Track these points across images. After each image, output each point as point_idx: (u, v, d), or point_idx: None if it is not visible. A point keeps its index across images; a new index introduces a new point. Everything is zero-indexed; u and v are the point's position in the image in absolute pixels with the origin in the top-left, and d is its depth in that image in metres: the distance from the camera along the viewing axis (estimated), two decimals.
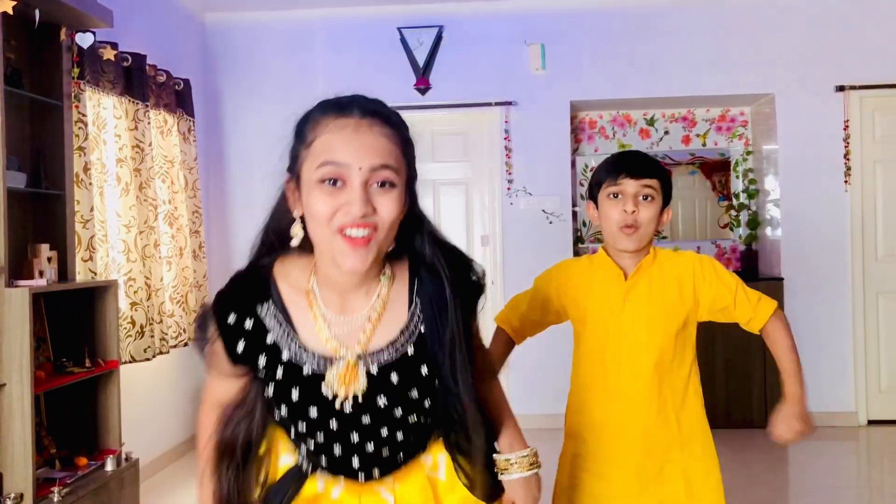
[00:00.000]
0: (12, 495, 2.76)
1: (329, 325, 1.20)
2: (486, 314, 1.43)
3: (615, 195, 1.79)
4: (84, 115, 3.51)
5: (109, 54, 3.75)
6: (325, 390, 1.19)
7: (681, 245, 5.52)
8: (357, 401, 1.19)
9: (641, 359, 1.76)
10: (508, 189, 5.24)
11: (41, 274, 3.07)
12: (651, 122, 5.65)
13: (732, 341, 4.81)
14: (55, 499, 2.84)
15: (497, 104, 5.22)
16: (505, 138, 5.23)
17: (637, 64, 5.19)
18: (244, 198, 5.32)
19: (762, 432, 4.82)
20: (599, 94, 5.24)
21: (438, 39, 5.20)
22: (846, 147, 5.09)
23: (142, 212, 4.01)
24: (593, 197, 1.87)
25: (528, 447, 1.39)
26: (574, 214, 5.48)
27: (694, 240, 5.63)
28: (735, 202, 5.59)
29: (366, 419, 1.21)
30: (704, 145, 5.62)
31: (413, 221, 1.23)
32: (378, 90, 1.84)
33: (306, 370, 1.19)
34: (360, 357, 1.19)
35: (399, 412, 1.21)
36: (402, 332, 1.22)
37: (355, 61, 5.23)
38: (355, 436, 1.21)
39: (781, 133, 5.14)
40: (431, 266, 1.24)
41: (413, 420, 1.24)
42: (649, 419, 1.76)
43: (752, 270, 5.34)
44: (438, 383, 1.23)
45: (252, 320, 1.21)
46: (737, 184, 5.61)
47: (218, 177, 5.33)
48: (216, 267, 5.14)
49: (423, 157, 1.89)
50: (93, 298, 3.39)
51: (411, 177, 1.21)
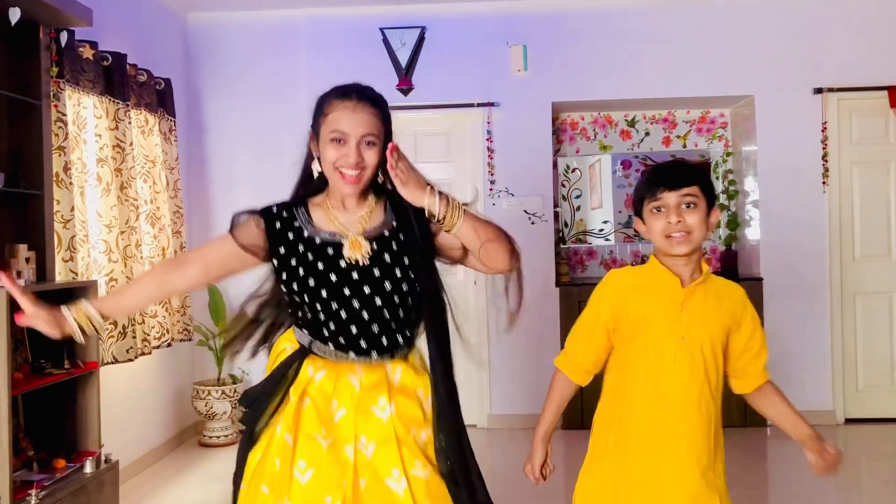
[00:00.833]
0: None
1: (336, 217, 1.82)
2: (468, 307, 1.52)
3: (658, 209, 1.81)
4: (64, 115, 3.48)
5: (89, 53, 3.72)
6: (345, 253, 1.76)
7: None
8: (361, 268, 1.75)
9: (696, 365, 1.78)
10: (490, 190, 5.25)
11: (19, 275, 3.04)
12: (632, 124, 5.68)
13: None
14: (32, 501, 2.81)
15: (479, 105, 5.23)
16: (487, 139, 5.25)
17: (618, 66, 5.22)
18: (225, 198, 5.29)
19: (741, 431, 4.90)
20: (581, 96, 5.27)
21: (421, 40, 5.21)
22: (824, 149, 5.15)
23: (123, 212, 3.99)
24: (638, 212, 1.88)
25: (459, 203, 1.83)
26: (556, 215, 5.50)
27: None
28: (723, 200, 5.64)
29: (366, 289, 1.75)
30: (685, 147, 5.67)
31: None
32: None
33: (317, 240, 1.79)
34: (359, 235, 1.79)
35: (388, 286, 1.76)
36: (382, 223, 1.83)
37: (337, 61, 5.23)
38: (356, 303, 1.75)
39: (761, 135, 5.20)
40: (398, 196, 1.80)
41: (396, 301, 1.77)
42: (694, 427, 1.78)
43: (732, 271, 5.39)
44: (412, 270, 1.79)
45: (287, 213, 1.83)
46: (717, 185, 5.66)
47: (199, 177, 5.30)
48: None
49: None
50: (72, 299, 3.35)
51: (388, 137, 1.81)
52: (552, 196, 5.32)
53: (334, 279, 1.75)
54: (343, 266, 1.76)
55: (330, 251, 1.77)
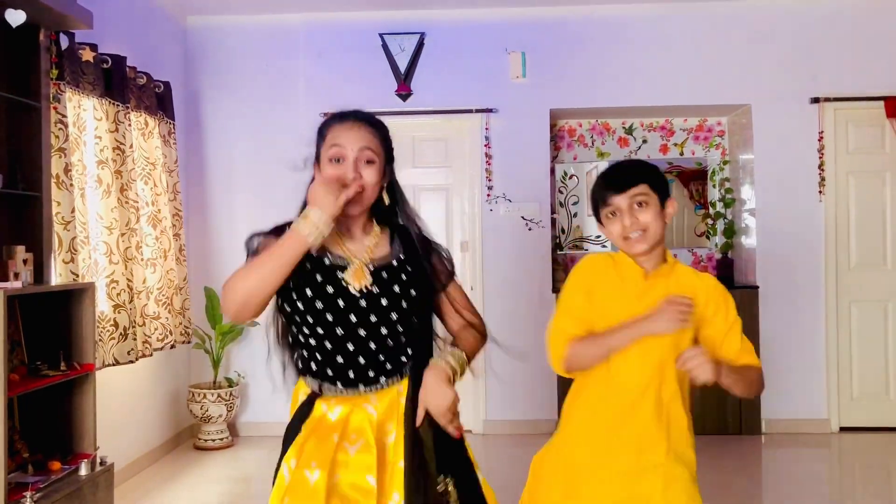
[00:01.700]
0: None
1: (343, 243, 1.81)
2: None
3: (612, 213, 1.85)
4: (64, 116, 3.48)
5: (89, 56, 3.73)
6: (346, 279, 1.74)
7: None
8: (369, 297, 1.74)
9: (648, 356, 1.80)
10: (488, 195, 5.27)
11: (16, 276, 3.04)
12: (629, 131, 5.70)
13: None
14: (27, 503, 2.81)
15: (478, 111, 5.25)
16: (485, 145, 5.26)
17: (616, 73, 5.24)
18: (224, 201, 5.30)
19: (736, 439, 4.91)
20: (579, 103, 5.29)
21: (420, 46, 5.23)
22: (820, 158, 5.17)
23: (123, 214, 3.99)
24: (598, 218, 1.92)
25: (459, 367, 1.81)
26: (553, 221, 5.52)
27: (671, 247, 5.68)
28: (711, 211, 5.65)
29: (373, 317, 1.74)
30: (682, 154, 5.69)
31: (394, 191, 1.86)
32: (359, 95, 1.92)
33: (326, 262, 1.76)
34: (365, 264, 1.78)
35: (395, 316, 1.76)
36: (389, 254, 1.83)
37: (337, 66, 5.24)
38: (362, 331, 1.73)
39: (758, 143, 5.22)
40: (404, 226, 1.87)
41: (400, 330, 1.76)
42: (647, 416, 1.80)
43: (728, 279, 5.40)
44: (418, 299, 1.80)
45: None
46: (713, 193, 5.68)
47: (198, 180, 5.31)
48: (195, 270, 5.11)
49: (404, 163, 1.97)
50: (69, 301, 3.36)
51: (388, 159, 1.83)
52: (549, 202, 5.33)
53: (342, 304, 1.73)
54: (352, 293, 1.74)
55: (339, 274, 1.76)
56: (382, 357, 1.75)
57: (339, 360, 1.74)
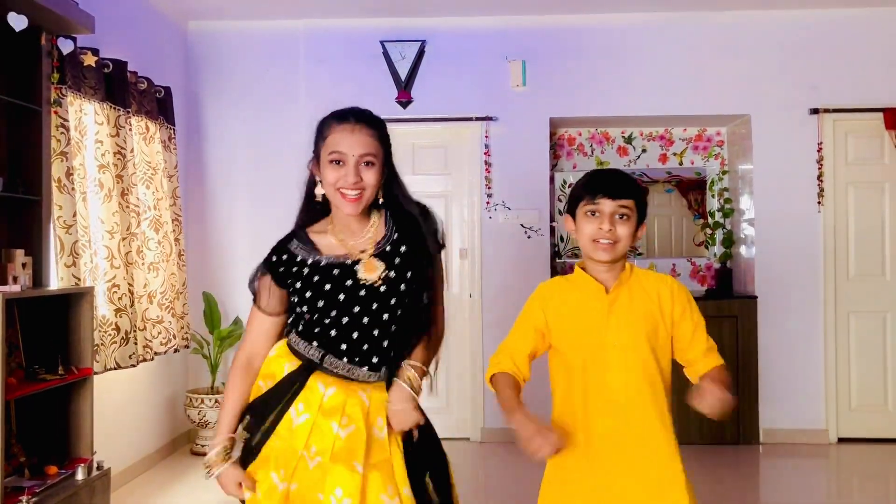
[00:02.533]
0: None
1: (345, 241, 1.87)
2: (463, 320, 1.50)
3: (593, 213, 1.85)
4: (66, 121, 3.49)
5: (90, 60, 3.74)
6: (359, 276, 1.81)
7: (656, 262, 5.58)
8: (368, 285, 1.80)
9: (630, 367, 1.81)
10: (487, 203, 5.27)
11: (15, 280, 3.04)
12: (629, 140, 5.71)
13: None
14: None
15: (477, 119, 5.26)
16: (485, 153, 5.27)
17: (616, 82, 5.25)
18: (223, 207, 5.30)
19: (734, 449, 4.91)
20: (579, 112, 5.30)
21: (421, 53, 5.24)
22: (819, 168, 5.18)
23: (124, 218, 4.00)
24: (571, 211, 1.93)
25: (425, 370, 1.89)
26: (552, 229, 5.52)
27: (669, 257, 5.69)
28: (710, 220, 5.66)
29: (374, 305, 1.80)
30: (681, 164, 5.70)
31: (392, 184, 1.92)
32: (360, 102, 1.94)
33: (323, 262, 1.82)
34: (372, 255, 1.84)
35: (394, 301, 1.81)
36: (385, 237, 1.88)
37: (337, 73, 5.25)
38: (366, 319, 1.80)
39: (757, 153, 5.23)
40: (405, 211, 1.92)
41: (401, 313, 1.83)
42: (646, 425, 1.80)
43: (727, 288, 5.41)
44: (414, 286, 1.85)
45: (286, 255, 1.87)
46: (712, 202, 5.69)
47: (197, 185, 5.31)
48: (193, 275, 5.11)
49: (404, 170, 1.99)
50: (68, 305, 3.36)
51: (387, 155, 1.89)
52: (549, 210, 5.34)
53: (342, 298, 1.80)
54: (349, 285, 1.80)
55: (336, 272, 1.81)
56: (387, 343, 1.82)
57: (344, 347, 1.80)
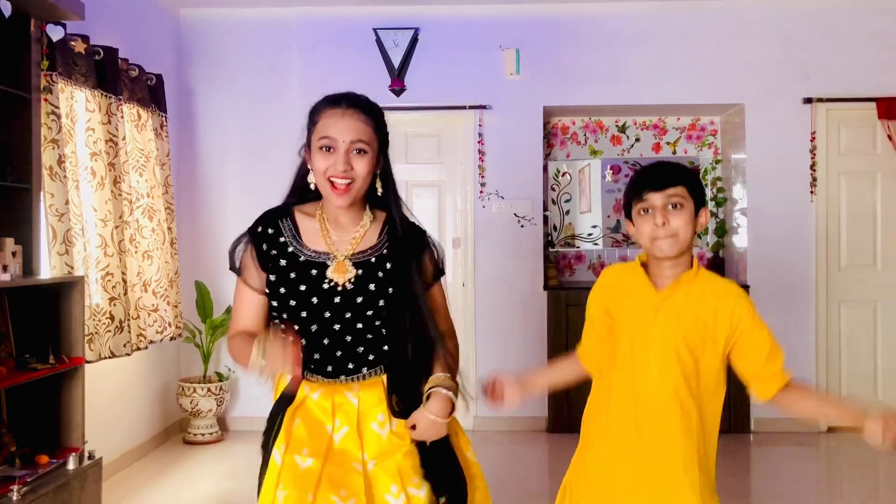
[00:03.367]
0: None
1: (328, 234, 1.79)
2: (456, 309, 1.51)
3: (645, 210, 1.80)
4: (57, 108, 3.46)
5: (80, 47, 3.71)
6: (328, 274, 1.73)
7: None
8: (344, 292, 1.72)
9: (668, 369, 1.76)
10: (481, 192, 5.26)
11: (5, 269, 3.02)
12: (622, 129, 5.70)
13: None
14: (14, 497, 2.79)
15: (471, 107, 5.24)
16: (478, 142, 5.26)
17: (610, 71, 5.24)
18: (215, 195, 5.28)
19: (725, 438, 4.85)
20: (572, 101, 5.29)
21: (414, 41, 5.21)
22: (812, 158, 5.18)
23: (117, 206, 3.97)
24: (628, 215, 1.88)
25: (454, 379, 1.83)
26: (545, 218, 5.52)
27: None
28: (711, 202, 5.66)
29: (347, 314, 1.73)
30: (674, 153, 5.69)
31: (386, 179, 1.82)
32: (353, 90, 1.91)
33: (301, 258, 1.75)
34: (347, 257, 1.76)
35: (370, 312, 1.74)
36: (372, 248, 1.79)
37: (330, 60, 5.22)
38: (337, 326, 1.73)
39: (750, 143, 5.23)
40: (404, 226, 1.83)
41: (378, 324, 1.75)
42: (670, 431, 1.75)
43: None
44: (396, 301, 1.76)
45: (273, 229, 1.79)
46: (705, 192, 5.68)
47: (189, 174, 5.28)
48: (185, 264, 5.09)
49: (397, 159, 1.95)
50: (59, 294, 3.34)
51: (382, 144, 1.79)
52: (542, 199, 5.33)
53: (315, 301, 1.73)
54: (325, 288, 1.73)
55: (314, 272, 1.74)
56: (362, 349, 1.75)
57: (316, 356, 1.75)
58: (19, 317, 3.28)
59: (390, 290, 1.75)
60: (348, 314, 1.73)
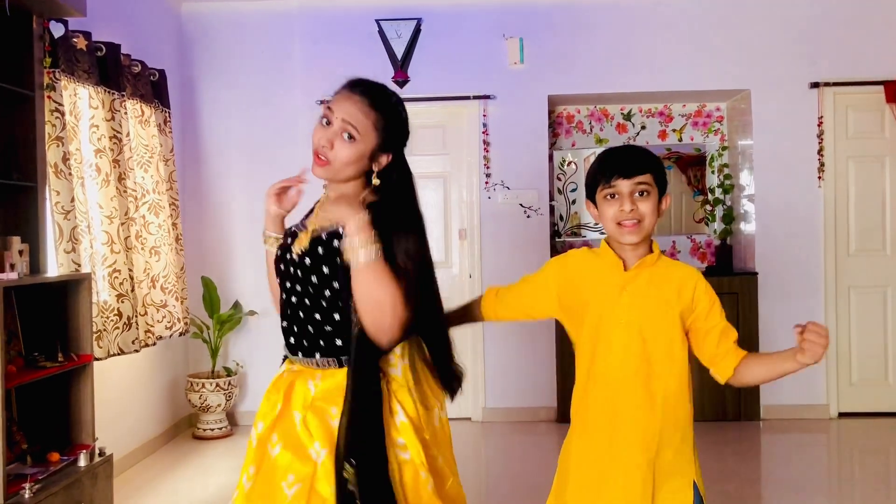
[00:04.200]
0: None
1: (322, 210, 1.74)
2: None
3: (612, 195, 1.82)
4: (60, 105, 3.45)
5: (82, 44, 3.69)
6: (292, 246, 1.77)
7: (655, 239, 5.56)
8: (300, 263, 1.72)
9: (632, 348, 1.79)
10: (486, 183, 5.24)
11: (12, 267, 3.02)
12: (628, 117, 5.67)
13: None
14: (26, 495, 2.80)
15: (475, 98, 5.22)
16: (483, 132, 5.23)
17: (615, 59, 5.21)
18: (220, 190, 5.27)
19: (735, 425, 4.92)
20: (577, 89, 5.26)
21: (417, 32, 5.19)
22: (820, 143, 5.15)
23: (122, 203, 3.97)
24: (591, 197, 1.89)
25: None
26: (552, 208, 5.50)
27: (669, 234, 5.67)
28: (710, 197, 5.64)
29: (298, 286, 1.73)
30: (680, 140, 5.66)
31: (392, 174, 1.78)
32: None
33: (293, 228, 1.84)
34: (313, 230, 1.74)
35: (311, 289, 1.71)
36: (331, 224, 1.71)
37: (333, 52, 5.20)
38: (294, 298, 1.75)
39: (757, 129, 5.19)
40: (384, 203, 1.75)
41: (324, 304, 1.71)
42: (638, 409, 1.79)
43: (727, 265, 5.39)
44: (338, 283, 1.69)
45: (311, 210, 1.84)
46: (712, 179, 5.66)
47: (194, 169, 5.28)
48: (191, 259, 5.10)
49: None
50: (66, 292, 3.34)
51: (385, 141, 1.73)
52: (548, 189, 5.31)
53: (282, 267, 1.80)
54: (289, 257, 1.78)
55: (289, 240, 1.82)
56: (312, 329, 1.73)
57: (283, 324, 1.81)
58: (27, 315, 3.28)
59: (325, 270, 1.69)
60: (299, 286, 1.74)
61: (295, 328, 1.76)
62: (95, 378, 3.43)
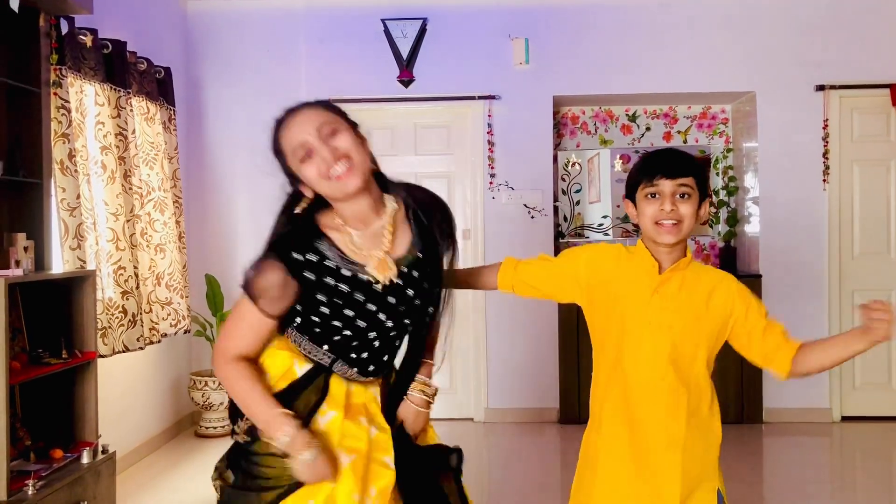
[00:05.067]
0: None
1: (352, 239, 1.65)
2: (467, 303, 1.51)
3: (653, 195, 1.82)
4: (67, 102, 3.46)
5: (89, 41, 3.70)
6: (369, 277, 1.64)
7: None
8: (396, 291, 1.66)
9: (658, 349, 1.79)
10: (490, 183, 5.24)
11: (17, 264, 3.03)
12: (633, 119, 5.67)
13: None
14: (29, 492, 2.80)
15: (480, 98, 5.21)
16: (488, 132, 5.23)
17: (620, 60, 5.20)
18: (224, 188, 5.28)
19: (737, 428, 4.92)
20: (582, 90, 5.26)
21: (422, 32, 5.19)
22: (825, 146, 5.14)
23: (128, 200, 3.98)
24: (630, 196, 1.89)
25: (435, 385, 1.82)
26: (556, 209, 5.50)
27: None
28: (715, 199, 5.63)
29: (402, 308, 1.68)
30: (685, 142, 5.66)
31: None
32: (361, 82, 1.90)
33: (347, 272, 1.63)
34: (387, 253, 1.67)
35: (418, 302, 1.70)
36: (412, 244, 1.72)
37: (338, 52, 5.21)
38: (387, 320, 1.67)
39: (762, 131, 5.18)
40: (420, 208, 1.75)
41: (427, 321, 1.75)
42: (661, 411, 1.79)
43: (731, 267, 5.39)
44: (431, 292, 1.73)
45: (316, 255, 1.63)
46: (717, 181, 5.65)
47: (198, 167, 5.29)
48: (195, 257, 5.10)
49: (406, 150, 1.96)
50: (71, 289, 3.35)
51: (353, 125, 1.66)
52: (552, 190, 5.31)
53: (373, 308, 1.66)
54: (378, 291, 1.65)
55: (364, 278, 1.65)
56: (399, 345, 1.79)
57: (363, 355, 1.72)
58: (32, 312, 3.29)
59: (426, 285, 1.73)
60: (402, 308, 1.70)
61: (385, 357, 1.76)
62: (98, 375, 3.44)
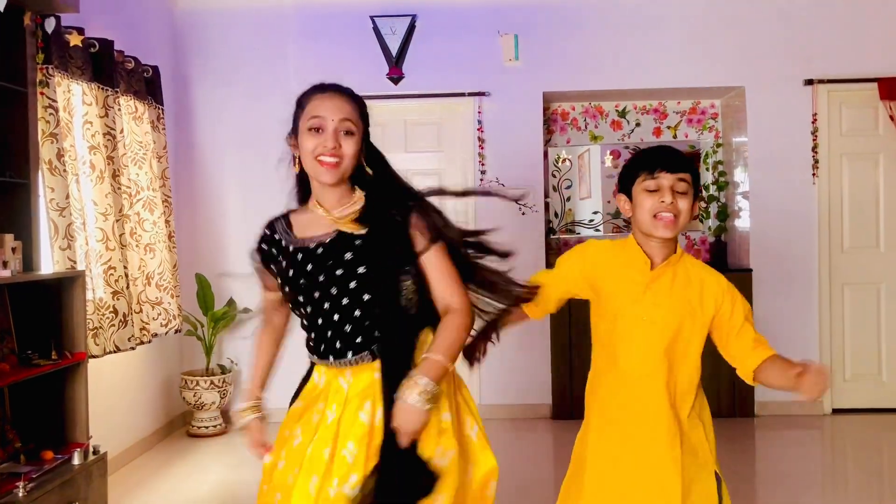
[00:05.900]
0: None
1: (309, 217, 1.84)
2: None
3: (652, 189, 1.85)
4: (54, 101, 3.43)
5: (76, 40, 3.67)
6: (297, 245, 1.81)
7: None
8: (316, 254, 1.78)
9: (653, 345, 1.82)
10: (481, 180, 5.24)
11: (5, 265, 3.01)
12: (623, 114, 5.67)
13: None
14: (20, 494, 2.78)
15: (470, 94, 5.21)
16: (478, 129, 5.23)
17: (610, 56, 5.21)
18: (213, 187, 5.26)
19: (729, 421, 4.93)
20: (572, 86, 5.26)
21: (412, 28, 5.17)
22: (814, 140, 5.16)
23: (117, 200, 3.96)
24: (626, 189, 1.91)
25: (435, 383, 1.70)
26: (546, 206, 5.50)
27: None
28: (705, 194, 5.64)
29: (333, 289, 1.74)
30: (675, 137, 5.67)
31: (379, 164, 1.87)
32: (350, 79, 1.91)
33: (291, 248, 1.82)
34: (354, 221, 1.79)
35: (353, 285, 1.73)
36: (357, 223, 1.80)
37: (328, 50, 5.19)
38: (327, 305, 1.75)
39: (751, 126, 5.20)
40: (378, 194, 1.85)
41: (365, 299, 1.74)
42: (653, 405, 1.81)
43: (721, 262, 5.40)
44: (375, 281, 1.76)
45: (270, 230, 1.90)
46: (707, 176, 5.67)
47: (187, 166, 5.26)
48: (185, 257, 5.08)
49: (396, 147, 1.98)
50: (60, 289, 3.33)
51: (366, 133, 1.84)
52: (542, 186, 5.31)
53: (303, 283, 1.78)
54: (309, 269, 1.77)
55: (300, 256, 1.79)
56: (349, 328, 1.76)
57: (313, 335, 1.82)
58: (21, 313, 3.26)
59: (362, 269, 1.75)
60: (334, 290, 1.75)
61: (328, 333, 1.77)
62: (89, 376, 3.42)
